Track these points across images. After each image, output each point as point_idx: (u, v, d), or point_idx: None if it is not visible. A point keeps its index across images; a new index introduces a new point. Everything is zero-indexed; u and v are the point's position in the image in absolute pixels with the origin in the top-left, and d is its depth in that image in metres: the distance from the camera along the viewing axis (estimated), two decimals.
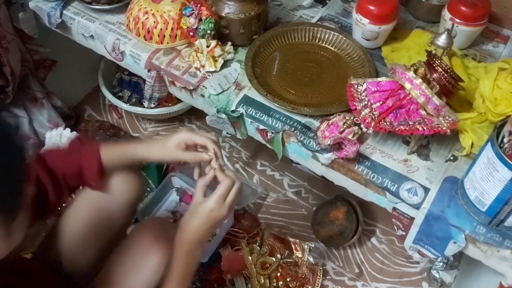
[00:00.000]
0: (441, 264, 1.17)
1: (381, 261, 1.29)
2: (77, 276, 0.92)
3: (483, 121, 0.88)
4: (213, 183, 0.82)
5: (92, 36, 1.12)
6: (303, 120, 0.92)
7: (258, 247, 1.28)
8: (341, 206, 1.28)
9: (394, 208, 0.84)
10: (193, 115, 1.60)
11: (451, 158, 0.86)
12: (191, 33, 1.00)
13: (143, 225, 0.89)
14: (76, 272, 0.92)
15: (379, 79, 0.86)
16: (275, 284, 1.21)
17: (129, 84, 1.55)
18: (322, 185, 1.42)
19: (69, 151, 0.88)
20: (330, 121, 0.87)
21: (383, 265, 1.28)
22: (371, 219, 1.36)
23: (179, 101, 1.46)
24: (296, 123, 0.91)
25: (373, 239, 1.33)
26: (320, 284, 1.22)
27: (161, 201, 1.36)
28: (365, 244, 1.33)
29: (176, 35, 1.03)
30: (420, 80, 0.80)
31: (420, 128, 0.80)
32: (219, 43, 1.00)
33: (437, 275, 1.20)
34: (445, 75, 0.80)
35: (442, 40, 0.82)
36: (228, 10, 0.99)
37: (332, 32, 1.06)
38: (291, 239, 1.31)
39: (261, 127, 0.93)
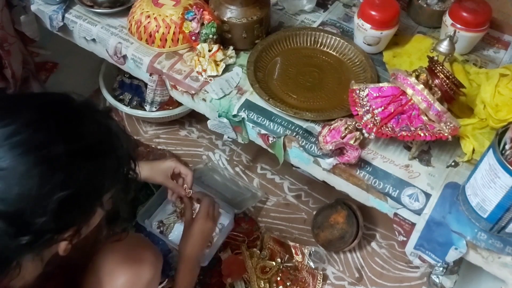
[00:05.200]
0: (441, 269, 1.17)
1: (381, 266, 1.29)
2: None
3: (484, 127, 0.88)
4: None
5: (94, 40, 1.12)
6: (305, 125, 0.92)
7: (258, 251, 1.28)
8: (341, 210, 1.28)
9: (396, 214, 0.84)
10: (194, 118, 1.60)
11: (452, 164, 0.86)
12: (193, 38, 1.00)
13: (112, 244, 0.87)
14: None
15: (381, 84, 0.86)
16: None
17: (130, 87, 1.55)
18: (322, 188, 1.42)
19: None
20: (332, 126, 0.87)
21: (383, 269, 1.28)
22: (371, 224, 1.37)
23: (179, 104, 1.46)
24: (297, 128, 0.91)
25: (373, 244, 1.33)
26: None
27: (161, 204, 1.36)
28: (365, 248, 1.33)
29: (178, 39, 1.03)
30: (422, 86, 0.80)
31: (422, 134, 0.80)
32: (221, 47, 1.00)
33: (437, 280, 1.20)
34: (447, 81, 0.81)
35: (444, 46, 0.82)
36: (231, 14, 0.99)
37: (334, 37, 1.06)
38: (291, 243, 1.31)
39: (263, 131, 0.93)
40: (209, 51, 0.98)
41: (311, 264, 1.27)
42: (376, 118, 0.83)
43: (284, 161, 0.95)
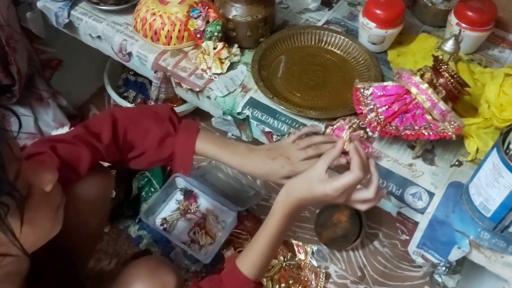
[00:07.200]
0: (444, 268, 1.18)
1: (384, 265, 1.29)
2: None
3: (489, 127, 0.88)
4: None
5: (99, 37, 1.12)
6: (309, 123, 0.92)
7: None
8: (344, 209, 1.29)
9: (399, 213, 0.84)
10: (198, 115, 1.60)
11: (456, 163, 0.86)
12: (198, 35, 1.00)
13: (135, 267, 0.86)
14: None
15: (385, 83, 0.86)
16: (277, 287, 1.22)
17: (134, 84, 1.56)
18: None
19: (163, 136, 0.82)
20: (336, 124, 0.87)
21: (386, 268, 1.28)
22: (374, 223, 1.36)
23: (184, 101, 1.47)
24: (301, 126, 0.92)
25: (376, 243, 1.33)
26: (322, 287, 1.22)
27: (165, 201, 1.37)
28: (368, 247, 1.33)
29: (183, 36, 1.03)
30: (426, 85, 0.80)
31: (426, 133, 0.80)
32: (226, 45, 1.00)
33: (439, 279, 1.20)
34: (452, 80, 0.80)
35: (449, 45, 0.82)
36: (236, 12, 0.99)
37: (338, 36, 1.06)
38: (294, 242, 1.31)
39: (267, 129, 0.93)
40: (214, 49, 0.99)
41: (314, 262, 1.27)
42: (380, 117, 0.83)
43: None
